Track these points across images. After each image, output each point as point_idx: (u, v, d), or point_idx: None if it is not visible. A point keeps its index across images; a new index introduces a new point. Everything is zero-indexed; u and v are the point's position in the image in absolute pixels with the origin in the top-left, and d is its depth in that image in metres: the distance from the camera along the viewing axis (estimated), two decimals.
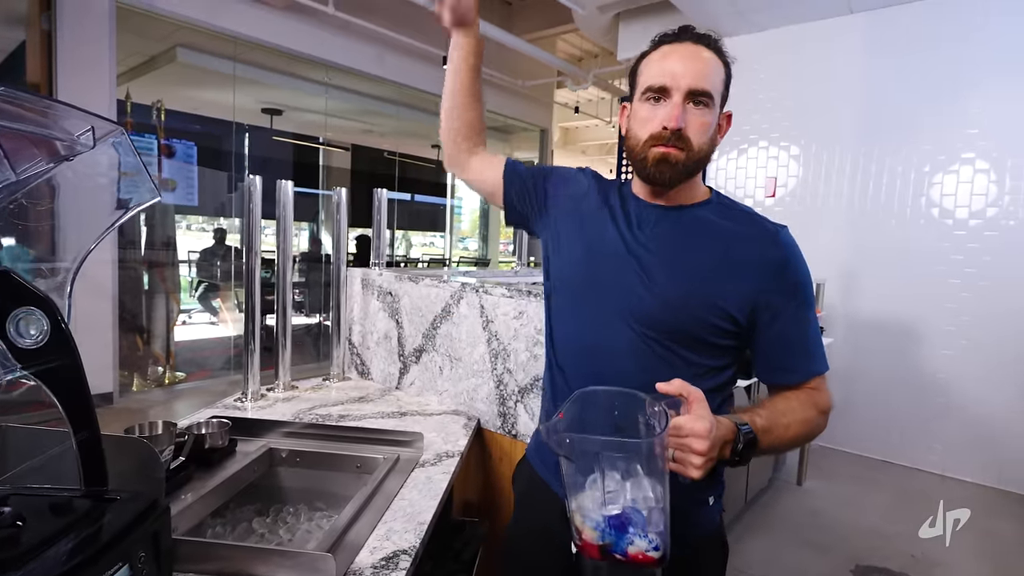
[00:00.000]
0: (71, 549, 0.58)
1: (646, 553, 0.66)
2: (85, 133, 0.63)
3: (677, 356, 0.89)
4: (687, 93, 0.86)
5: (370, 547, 0.91)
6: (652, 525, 0.67)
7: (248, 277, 1.70)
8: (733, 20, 4.15)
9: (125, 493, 0.68)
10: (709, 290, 0.88)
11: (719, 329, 0.88)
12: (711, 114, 0.88)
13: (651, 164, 0.88)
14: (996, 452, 3.44)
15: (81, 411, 0.67)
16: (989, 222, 3.49)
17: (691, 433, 0.69)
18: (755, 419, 0.81)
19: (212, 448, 1.22)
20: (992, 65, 3.44)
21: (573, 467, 0.68)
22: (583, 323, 0.95)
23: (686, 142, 0.87)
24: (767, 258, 0.89)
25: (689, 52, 0.87)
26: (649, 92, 0.88)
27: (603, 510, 0.67)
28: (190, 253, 6.44)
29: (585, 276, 0.96)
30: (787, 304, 0.88)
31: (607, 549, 0.67)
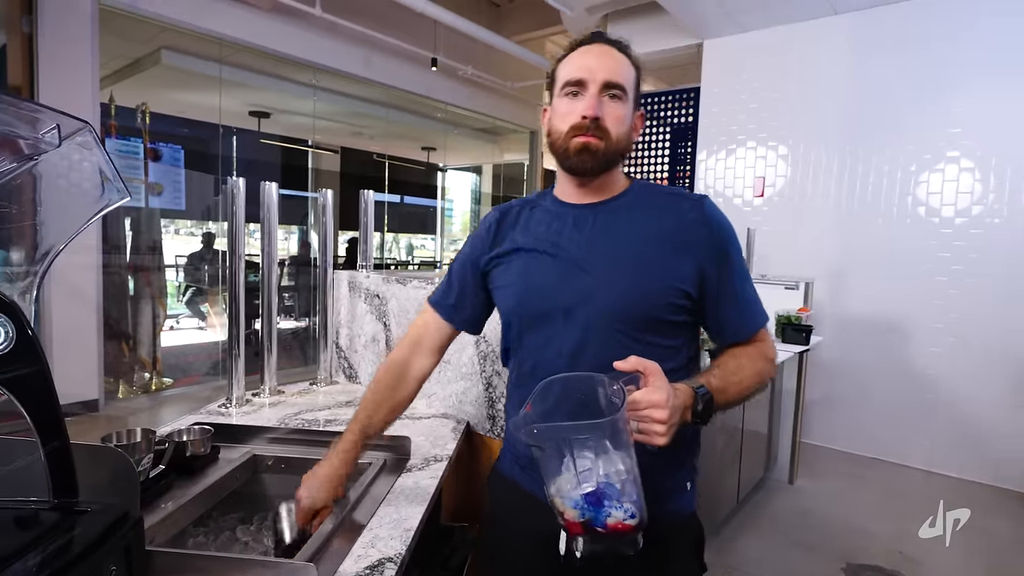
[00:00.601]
0: (38, 563, 0.56)
1: (624, 522, 0.72)
2: (50, 131, 0.61)
3: (642, 343, 0.91)
4: (603, 85, 0.91)
5: (354, 555, 0.89)
6: (626, 496, 0.72)
7: (232, 281, 1.67)
8: (720, 21, 4.17)
9: (96, 505, 0.66)
10: (660, 271, 0.92)
11: (677, 307, 0.92)
12: (625, 107, 0.94)
13: (573, 154, 0.92)
14: (984, 448, 3.47)
15: (49, 420, 0.65)
16: (974, 220, 3.52)
17: (650, 404, 0.73)
18: (710, 380, 0.85)
19: (194, 455, 1.20)
20: (975, 65, 3.47)
21: (546, 455, 0.73)
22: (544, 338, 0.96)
23: (604, 132, 0.92)
24: (698, 229, 0.93)
25: (603, 50, 0.94)
26: (568, 86, 0.93)
27: (579, 489, 0.71)
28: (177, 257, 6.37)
29: (538, 292, 0.97)
30: (724, 268, 0.94)
31: (588, 524, 0.72)
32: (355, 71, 5.60)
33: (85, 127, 0.64)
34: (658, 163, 5.37)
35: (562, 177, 1.01)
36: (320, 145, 7.37)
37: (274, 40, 4.92)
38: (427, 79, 6.09)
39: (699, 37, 4.50)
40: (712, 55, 4.50)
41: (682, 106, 5.15)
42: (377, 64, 5.68)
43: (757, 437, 3.09)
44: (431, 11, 4.67)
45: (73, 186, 0.67)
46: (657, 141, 5.36)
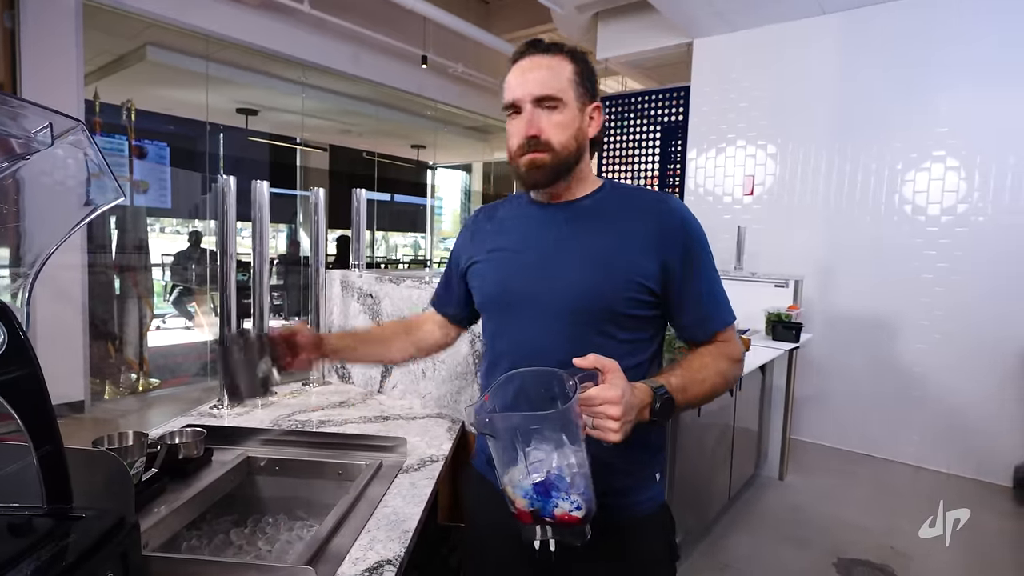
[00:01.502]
0: (33, 571, 0.55)
1: (570, 513, 0.74)
2: (43, 130, 0.59)
3: (604, 336, 0.94)
4: (533, 101, 0.93)
5: (353, 558, 0.88)
6: (574, 488, 0.74)
7: (223, 280, 1.65)
8: (711, 20, 4.18)
9: (91, 510, 0.64)
10: (622, 267, 0.93)
11: (639, 301, 0.94)
12: (564, 114, 0.94)
13: (524, 171, 0.96)
14: (971, 443, 3.52)
15: (42, 424, 0.63)
16: (960, 218, 3.57)
17: (604, 401, 0.74)
18: (670, 379, 0.86)
19: (187, 458, 1.18)
20: (961, 65, 3.52)
21: (500, 444, 0.75)
22: (514, 329, 1.01)
23: (546, 144, 0.93)
24: (664, 226, 0.95)
25: (529, 64, 0.95)
26: (507, 109, 0.97)
27: (528, 479, 0.74)
28: (164, 256, 6.30)
29: (507, 286, 1.01)
30: (689, 265, 0.95)
31: (537, 514, 0.74)
32: (344, 68, 5.55)
33: (78, 126, 0.62)
34: (648, 161, 5.38)
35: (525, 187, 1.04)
36: (309, 143, 7.32)
37: (261, 36, 4.86)
38: (417, 77, 6.06)
39: (689, 36, 4.51)
40: (702, 54, 4.52)
41: (672, 105, 5.16)
42: (366, 61, 5.64)
43: (748, 434, 3.11)
44: (420, 8, 4.65)
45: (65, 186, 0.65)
46: (648, 139, 5.37)
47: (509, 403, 0.79)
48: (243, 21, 4.70)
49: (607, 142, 5.56)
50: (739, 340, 1.02)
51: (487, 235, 1.08)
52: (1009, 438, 3.38)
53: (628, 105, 5.45)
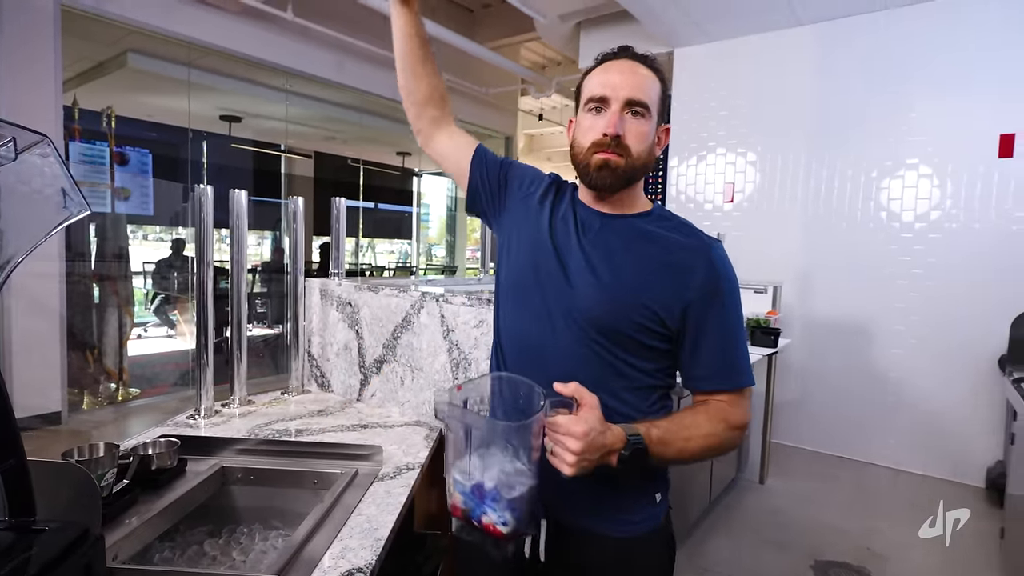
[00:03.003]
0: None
1: (495, 526, 0.74)
2: (5, 145, 0.60)
3: (611, 354, 0.92)
4: (625, 103, 0.92)
5: (324, 567, 0.88)
6: (507, 504, 0.73)
7: (200, 289, 1.65)
8: (689, 30, 4.25)
9: (54, 523, 0.65)
10: (641, 291, 0.91)
11: (648, 329, 0.92)
12: (648, 124, 0.94)
13: (593, 169, 0.93)
14: (946, 446, 3.59)
15: (4, 437, 0.63)
16: (933, 225, 3.65)
17: (567, 432, 0.75)
18: (651, 430, 0.84)
19: (160, 469, 1.17)
20: (932, 76, 3.61)
21: (455, 437, 0.76)
22: (527, 322, 0.99)
23: (625, 149, 0.92)
24: (700, 268, 0.92)
25: (627, 67, 0.94)
26: (591, 102, 0.94)
27: (469, 479, 0.75)
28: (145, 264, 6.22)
29: (530, 277, 0.99)
30: (712, 312, 0.92)
31: (467, 514, 0.76)
32: (328, 75, 5.56)
33: (43, 140, 0.63)
34: None
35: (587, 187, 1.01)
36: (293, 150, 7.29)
37: (245, 44, 4.85)
38: None
39: (669, 46, 4.58)
40: (682, 63, 4.59)
41: None
42: (350, 68, 5.65)
43: None
44: None
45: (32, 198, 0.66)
46: None
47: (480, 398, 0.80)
48: (226, 28, 4.69)
49: None
50: (747, 409, 0.95)
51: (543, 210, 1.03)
52: (982, 440, 3.45)
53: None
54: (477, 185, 1.12)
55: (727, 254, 0.96)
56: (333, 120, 6.86)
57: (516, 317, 1.02)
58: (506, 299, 1.05)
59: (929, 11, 3.60)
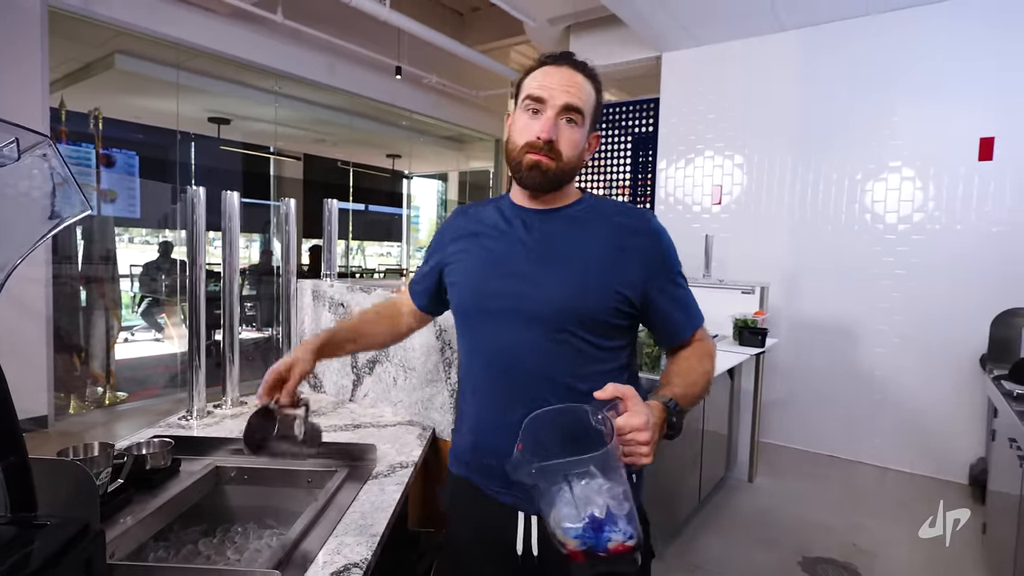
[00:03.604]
0: None
1: (624, 543, 0.74)
2: (8, 145, 0.61)
3: (583, 340, 0.97)
4: (561, 108, 0.96)
5: (320, 562, 0.90)
6: (623, 519, 0.74)
7: (192, 291, 1.65)
8: (676, 34, 4.30)
9: (55, 518, 0.65)
10: (605, 277, 0.97)
11: (618, 311, 0.98)
12: (581, 131, 0.98)
13: (525, 168, 0.97)
14: (930, 443, 3.65)
15: (6, 434, 0.64)
16: (916, 226, 3.72)
17: (632, 428, 0.77)
18: (674, 391, 0.91)
19: (154, 469, 1.18)
20: (912, 81, 3.68)
21: (544, 489, 0.75)
22: (492, 333, 1.01)
23: (557, 153, 0.96)
24: (646, 242, 1.00)
25: (566, 73, 0.98)
26: (529, 100, 0.97)
27: (579, 520, 0.73)
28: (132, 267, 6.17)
29: (485, 291, 1.02)
30: (668, 278, 1.01)
31: (590, 551, 0.74)
32: (318, 78, 5.55)
33: (44, 140, 0.64)
34: (621, 170, 5.49)
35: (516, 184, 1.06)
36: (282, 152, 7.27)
37: (234, 46, 4.84)
38: (391, 87, 6.08)
39: (658, 50, 4.63)
40: (670, 67, 4.64)
41: (643, 116, 5.28)
42: (341, 71, 5.65)
43: (717, 438, 3.18)
44: (395, 20, 4.68)
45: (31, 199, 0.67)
46: (620, 150, 5.48)
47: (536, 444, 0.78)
48: (215, 31, 4.68)
49: None
50: (709, 335, 1.09)
51: (468, 235, 1.08)
52: (964, 438, 3.52)
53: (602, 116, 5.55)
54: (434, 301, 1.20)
55: (657, 219, 1.05)
56: (323, 122, 6.85)
57: (483, 337, 1.04)
58: (465, 328, 1.08)
59: (910, 18, 3.67)
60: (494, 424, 1.01)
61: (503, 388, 1.00)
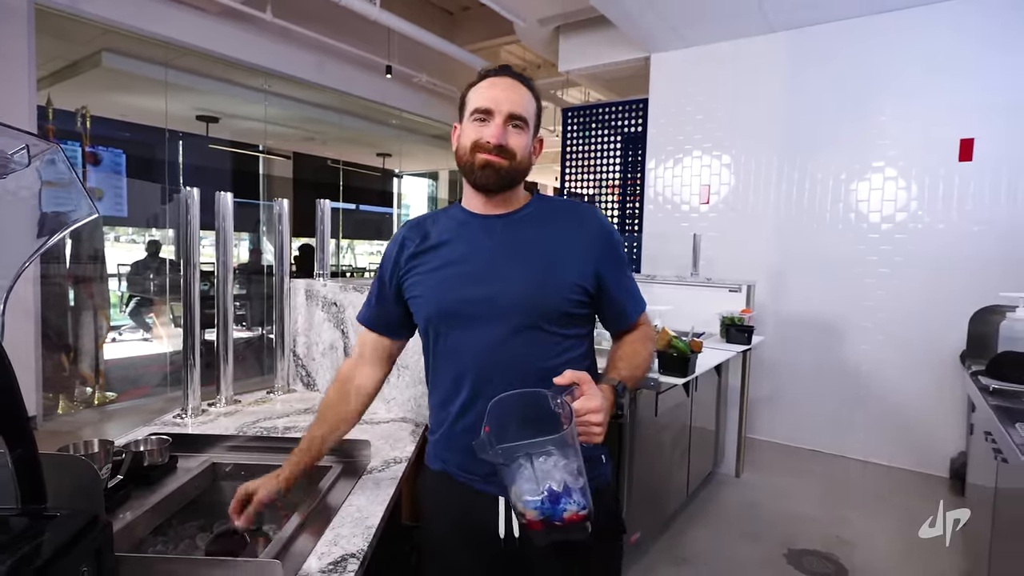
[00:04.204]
0: (11, 567, 0.58)
1: (577, 513, 0.84)
2: (19, 151, 0.63)
3: (552, 334, 1.05)
4: (507, 116, 1.03)
5: (318, 553, 0.93)
6: (577, 492, 0.84)
7: (186, 290, 1.67)
8: (665, 35, 4.35)
9: (64, 510, 0.68)
10: (563, 272, 1.05)
11: (579, 301, 1.06)
12: (526, 136, 1.06)
13: (478, 167, 1.04)
14: (912, 437, 3.74)
15: (16, 428, 0.67)
16: (899, 226, 3.80)
17: (587, 411, 0.87)
18: (620, 373, 1.03)
19: (152, 465, 1.20)
20: (896, 82, 3.76)
21: (507, 470, 0.83)
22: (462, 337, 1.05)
23: (510, 153, 1.04)
24: (593, 234, 1.09)
25: (509, 84, 1.06)
26: (476, 113, 1.05)
27: (538, 493, 0.83)
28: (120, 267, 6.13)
29: (450, 297, 1.06)
30: (614, 266, 1.10)
31: (548, 520, 0.83)
32: (308, 76, 5.54)
33: (54, 147, 0.66)
34: (610, 170, 5.54)
35: (468, 191, 1.11)
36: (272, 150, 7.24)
37: (223, 44, 4.83)
38: (381, 86, 6.08)
39: (646, 50, 4.68)
40: (659, 68, 4.69)
41: (633, 116, 5.33)
42: (330, 70, 5.64)
43: (705, 433, 3.24)
44: (384, 19, 4.69)
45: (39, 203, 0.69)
46: (610, 149, 5.53)
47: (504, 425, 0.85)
48: (204, 29, 4.66)
49: (571, 151, 5.73)
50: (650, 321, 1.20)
51: (427, 248, 1.10)
52: (945, 432, 3.60)
53: (591, 116, 5.61)
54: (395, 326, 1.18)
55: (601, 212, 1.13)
56: (313, 121, 6.83)
57: (457, 341, 1.06)
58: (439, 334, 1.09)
59: (895, 21, 3.74)
60: (471, 420, 1.05)
61: (478, 387, 1.04)
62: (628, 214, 5.51)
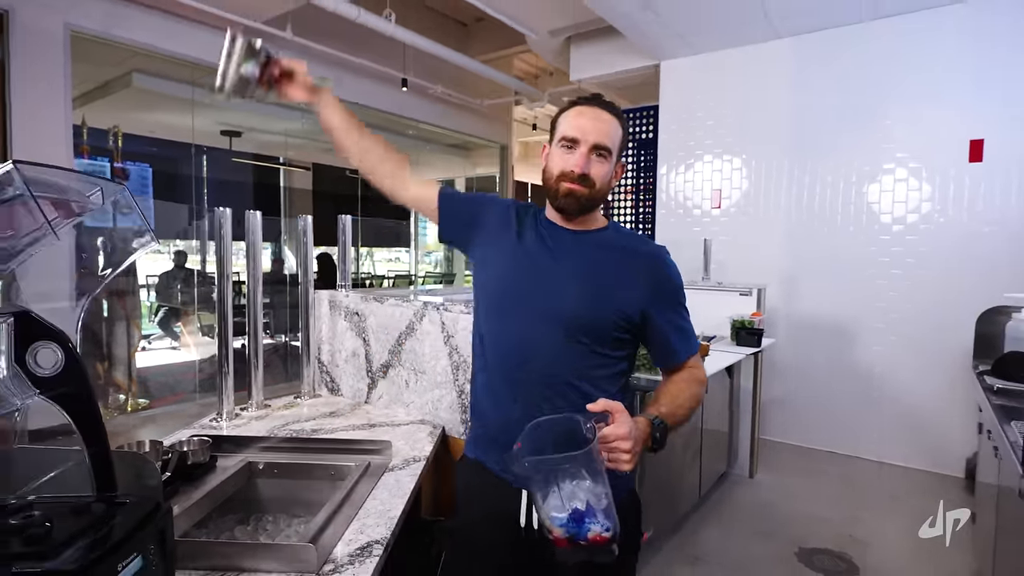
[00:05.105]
0: (93, 542, 0.69)
1: (601, 534, 0.88)
2: (95, 193, 0.75)
3: (587, 347, 1.11)
4: (592, 146, 1.11)
5: (346, 540, 1.03)
6: (601, 513, 0.88)
7: (220, 301, 1.79)
8: (673, 43, 4.42)
9: (133, 497, 0.79)
10: (612, 296, 1.12)
11: (620, 326, 1.13)
12: (609, 164, 1.14)
13: (561, 196, 1.13)
14: (927, 438, 3.74)
15: (92, 428, 0.78)
16: (910, 227, 3.82)
17: (616, 438, 0.91)
18: (660, 410, 1.05)
19: (195, 464, 1.32)
20: (904, 85, 3.79)
21: (535, 483, 0.89)
22: (512, 329, 1.15)
23: (590, 182, 1.11)
24: (654, 272, 1.15)
25: (596, 115, 1.13)
26: (564, 140, 1.13)
27: (563, 511, 0.88)
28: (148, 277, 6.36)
29: (514, 286, 1.17)
30: (669, 306, 1.16)
31: (572, 539, 0.88)
32: None
33: (122, 188, 0.78)
34: (625, 175, 5.61)
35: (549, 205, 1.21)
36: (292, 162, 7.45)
37: None
38: (398, 98, 6.24)
39: (656, 59, 4.76)
40: (668, 75, 4.76)
41: (644, 122, 5.41)
42: (348, 84, 5.81)
43: (717, 435, 3.29)
44: (400, 35, 4.83)
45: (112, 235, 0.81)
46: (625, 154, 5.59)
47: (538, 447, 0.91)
48: None
49: None
50: (702, 364, 1.23)
51: (515, 232, 1.21)
52: (960, 432, 3.60)
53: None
54: (447, 223, 1.30)
55: (670, 255, 1.20)
56: None
57: (502, 326, 1.17)
58: (489, 313, 1.20)
59: (900, 25, 3.77)
60: (504, 411, 1.15)
61: (514, 378, 1.14)
62: (642, 218, 5.58)
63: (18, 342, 0.75)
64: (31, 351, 0.75)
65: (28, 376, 0.75)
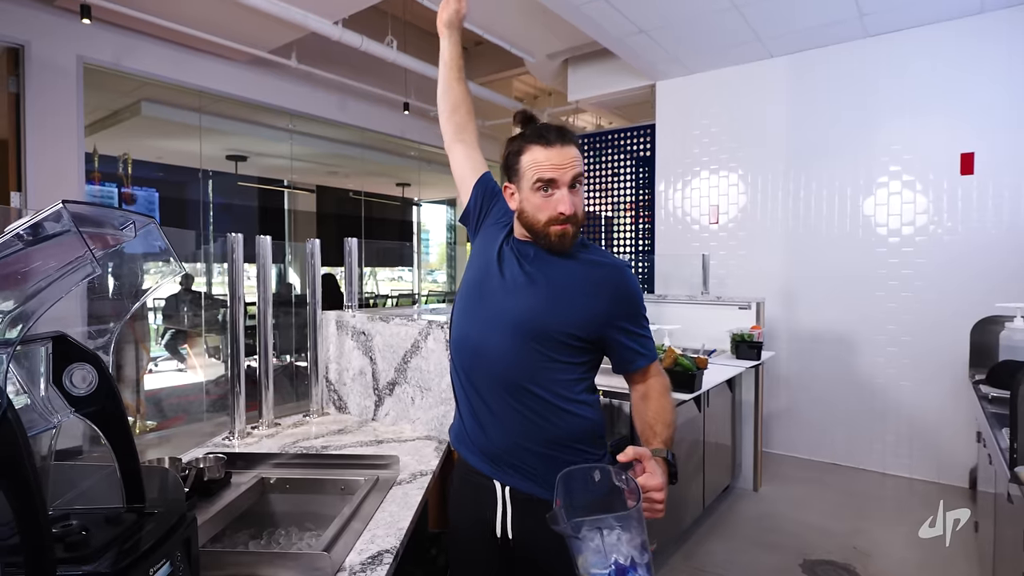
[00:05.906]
0: (126, 549, 0.75)
1: None
2: (127, 226, 0.82)
3: (540, 353, 1.17)
4: (568, 184, 1.15)
5: (358, 549, 1.08)
6: (643, 567, 0.88)
7: (232, 324, 1.86)
8: (669, 64, 4.54)
9: (160, 508, 0.85)
10: (568, 305, 1.18)
11: (573, 336, 1.18)
12: (581, 191, 1.21)
13: (554, 239, 1.18)
14: (930, 448, 3.76)
15: (124, 444, 0.84)
16: (905, 239, 3.88)
17: (651, 488, 0.97)
18: (662, 439, 1.13)
19: (211, 480, 1.37)
20: (894, 99, 3.87)
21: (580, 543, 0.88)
22: (471, 328, 1.24)
23: (576, 219, 1.18)
24: (615, 283, 1.21)
25: (562, 149, 1.15)
26: (540, 183, 1.15)
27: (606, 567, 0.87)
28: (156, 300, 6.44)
29: (477, 290, 1.26)
30: (630, 318, 1.22)
31: None
32: (330, 115, 5.86)
33: (151, 222, 0.85)
34: (625, 191, 5.70)
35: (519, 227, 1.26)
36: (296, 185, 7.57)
37: (252, 90, 5.15)
38: (400, 121, 6.38)
39: (651, 79, 4.87)
40: (664, 95, 4.87)
41: (642, 140, 5.51)
42: (352, 108, 5.95)
43: (720, 448, 3.32)
44: (402, 60, 4.96)
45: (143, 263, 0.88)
46: (623, 172, 5.70)
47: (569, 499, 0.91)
48: (234, 77, 4.99)
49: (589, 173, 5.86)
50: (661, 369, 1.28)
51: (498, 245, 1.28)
52: (964, 442, 3.62)
53: (605, 141, 5.80)
54: (471, 206, 1.41)
55: (631, 270, 1.26)
56: (335, 156, 7.15)
57: (464, 329, 1.26)
58: (457, 313, 1.30)
59: (889, 43, 3.87)
60: (474, 406, 1.23)
61: (473, 378, 1.22)
62: (641, 234, 5.65)
63: (55, 363, 0.81)
64: (67, 372, 0.81)
65: (64, 395, 0.81)
